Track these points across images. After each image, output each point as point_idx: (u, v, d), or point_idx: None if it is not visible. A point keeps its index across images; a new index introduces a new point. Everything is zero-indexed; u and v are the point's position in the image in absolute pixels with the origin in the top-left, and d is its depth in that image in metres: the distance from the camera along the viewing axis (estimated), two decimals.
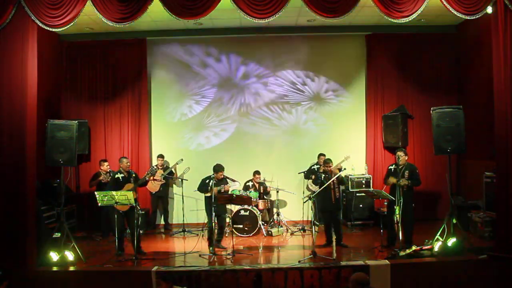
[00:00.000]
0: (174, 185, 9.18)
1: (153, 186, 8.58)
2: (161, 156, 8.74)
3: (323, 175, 7.14)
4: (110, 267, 6.13)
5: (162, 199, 8.86)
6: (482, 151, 8.04)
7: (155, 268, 5.80)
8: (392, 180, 6.74)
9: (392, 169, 6.90)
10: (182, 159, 8.60)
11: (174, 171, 8.71)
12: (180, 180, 8.63)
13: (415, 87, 9.14)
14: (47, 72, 7.86)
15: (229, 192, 7.48)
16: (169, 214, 9.04)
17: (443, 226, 6.56)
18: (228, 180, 7.47)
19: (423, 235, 6.84)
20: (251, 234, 8.02)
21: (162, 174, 8.54)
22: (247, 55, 9.37)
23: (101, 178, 8.13)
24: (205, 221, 7.91)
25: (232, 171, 8.10)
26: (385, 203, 7.43)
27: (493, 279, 5.73)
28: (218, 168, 7.12)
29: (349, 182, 8.60)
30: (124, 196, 6.31)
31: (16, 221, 6.00)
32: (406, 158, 6.93)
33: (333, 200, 7.09)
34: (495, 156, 6.38)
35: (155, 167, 8.43)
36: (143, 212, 8.22)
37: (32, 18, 6.12)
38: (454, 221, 6.52)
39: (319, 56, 9.38)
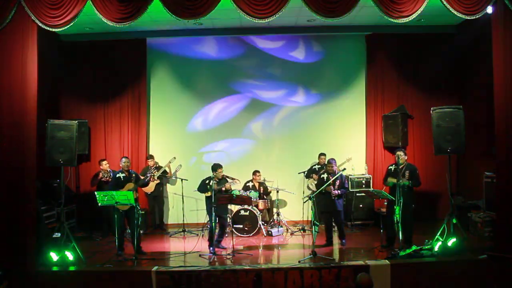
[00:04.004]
0: (168, 184, 9.18)
1: (148, 187, 8.54)
2: (151, 157, 8.70)
3: (326, 176, 7.15)
4: (110, 267, 6.13)
5: (157, 199, 8.85)
6: (482, 151, 8.03)
7: (155, 268, 5.80)
8: (392, 180, 6.74)
9: (392, 169, 6.89)
10: (174, 158, 8.58)
11: (167, 170, 8.72)
12: (174, 178, 8.61)
13: (415, 87, 9.15)
14: (47, 72, 7.84)
15: (230, 192, 7.48)
16: (164, 213, 9.03)
17: (443, 226, 6.56)
18: (228, 179, 7.48)
19: (423, 235, 6.85)
20: (251, 234, 8.02)
21: (157, 174, 8.52)
22: (247, 55, 9.37)
23: (100, 176, 8.13)
24: (205, 221, 7.92)
25: (232, 172, 8.11)
26: (385, 203, 7.43)
27: (493, 279, 5.73)
28: (216, 167, 7.12)
29: (349, 182, 8.61)
30: (124, 196, 6.32)
31: (16, 221, 6.00)
32: (406, 158, 6.94)
33: (333, 201, 7.09)
34: (495, 156, 6.38)
35: (151, 168, 8.41)
36: (143, 212, 8.22)
37: (32, 18, 6.13)
38: (454, 221, 6.52)
39: (319, 56, 9.37)
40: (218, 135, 9.41)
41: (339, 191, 7.08)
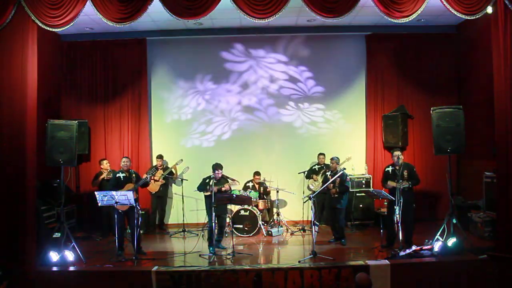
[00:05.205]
0: (173, 185, 9.19)
1: (153, 187, 8.58)
2: (160, 157, 8.74)
3: (330, 173, 7.26)
4: (110, 267, 6.13)
5: (160, 199, 8.86)
6: (482, 151, 8.03)
7: (155, 268, 5.80)
8: (392, 184, 6.73)
9: (390, 171, 6.88)
10: (181, 160, 8.62)
11: (174, 171, 8.72)
12: (179, 179, 8.64)
13: (415, 87, 9.15)
14: (47, 72, 7.86)
15: (230, 192, 7.48)
16: (166, 214, 9.03)
17: (443, 226, 6.57)
18: (228, 179, 7.48)
19: (423, 235, 6.84)
20: (251, 234, 8.02)
21: (162, 174, 8.55)
22: (247, 55, 9.37)
23: (103, 176, 8.13)
24: (205, 221, 7.92)
25: (232, 172, 8.10)
26: (385, 203, 7.43)
27: (493, 279, 5.73)
28: (216, 167, 7.14)
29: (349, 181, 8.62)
30: (124, 196, 6.31)
31: (16, 221, 6.00)
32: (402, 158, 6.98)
33: (334, 199, 7.26)
34: (495, 156, 6.38)
35: (155, 167, 8.44)
36: (143, 212, 8.22)
37: (32, 18, 6.13)
38: (454, 221, 6.52)
39: (319, 56, 9.37)
40: (218, 135, 9.39)
41: (336, 189, 7.12)
